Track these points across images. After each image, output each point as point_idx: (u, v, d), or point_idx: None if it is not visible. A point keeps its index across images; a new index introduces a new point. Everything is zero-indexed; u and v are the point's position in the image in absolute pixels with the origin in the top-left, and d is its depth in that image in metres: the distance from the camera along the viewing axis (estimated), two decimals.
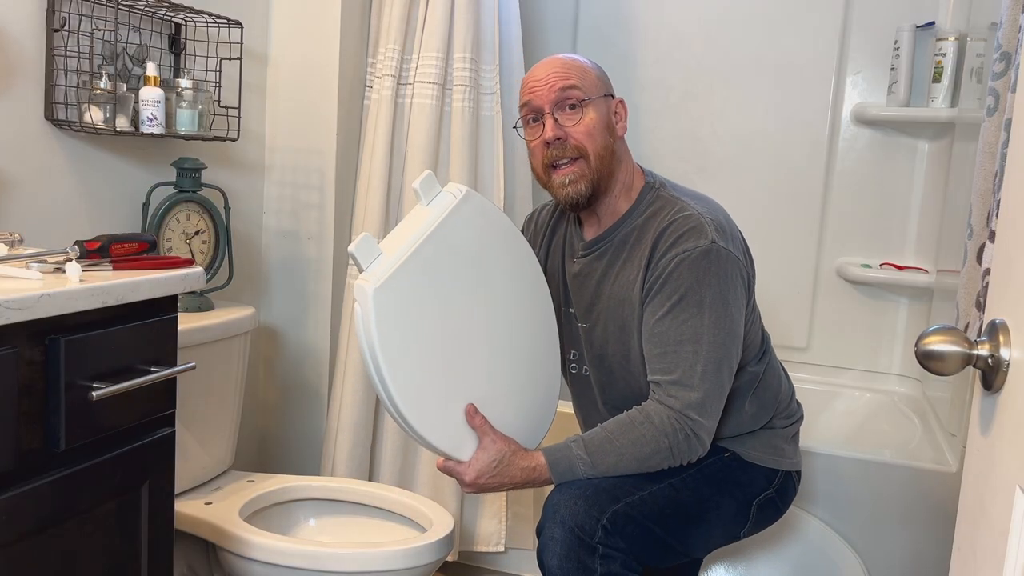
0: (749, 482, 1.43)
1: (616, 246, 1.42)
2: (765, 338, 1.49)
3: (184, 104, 1.68)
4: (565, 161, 1.38)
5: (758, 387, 1.44)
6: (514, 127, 1.48)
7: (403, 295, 1.20)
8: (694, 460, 1.33)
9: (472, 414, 1.30)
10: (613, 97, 1.43)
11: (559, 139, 1.37)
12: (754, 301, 1.44)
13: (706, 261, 1.30)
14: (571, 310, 1.50)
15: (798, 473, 1.50)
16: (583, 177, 1.38)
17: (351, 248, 1.18)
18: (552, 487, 1.34)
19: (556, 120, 1.37)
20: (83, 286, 0.98)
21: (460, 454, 1.30)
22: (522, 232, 1.60)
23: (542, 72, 1.40)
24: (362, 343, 1.19)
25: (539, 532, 1.32)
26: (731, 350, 1.32)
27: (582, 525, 1.26)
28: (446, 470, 1.33)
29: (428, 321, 1.24)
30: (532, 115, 1.41)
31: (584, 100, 1.38)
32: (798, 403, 1.54)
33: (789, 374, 1.57)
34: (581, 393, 1.54)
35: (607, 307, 1.42)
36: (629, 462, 1.30)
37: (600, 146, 1.38)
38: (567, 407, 1.62)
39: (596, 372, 1.47)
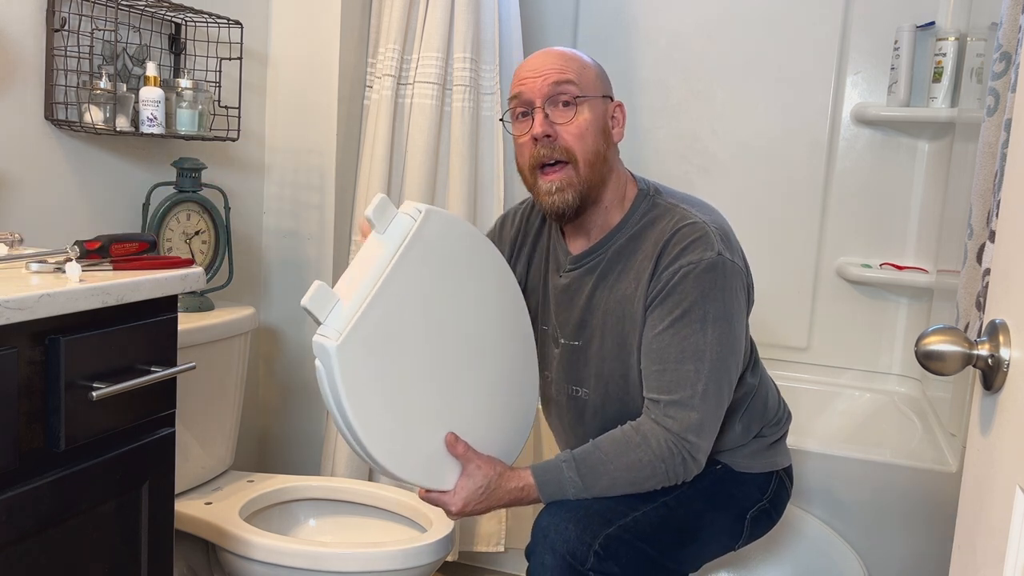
0: (743, 495, 1.40)
1: (610, 258, 1.34)
2: (753, 346, 1.44)
3: (184, 104, 1.68)
4: (552, 163, 1.28)
5: (753, 399, 1.40)
6: (500, 119, 1.41)
7: (368, 345, 1.10)
8: (689, 480, 1.28)
9: (453, 443, 1.23)
10: (612, 99, 1.34)
11: (548, 137, 1.27)
12: None
13: (712, 274, 1.23)
14: (545, 327, 1.42)
15: (789, 476, 1.47)
16: (571, 186, 1.28)
17: (304, 302, 1.07)
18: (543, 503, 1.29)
19: (547, 116, 1.27)
20: (83, 286, 0.98)
21: (444, 484, 1.24)
22: (491, 237, 1.50)
23: (536, 63, 1.29)
24: (328, 401, 1.10)
25: (528, 555, 1.27)
26: (732, 367, 1.27)
27: (573, 552, 1.20)
28: (431, 501, 1.26)
29: (397, 365, 1.15)
30: (522, 108, 1.30)
31: (580, 97, 1.27)
32: (784, 404, 1.51)
33: (786, 375, 1.55)
34: (559, 415, 1.46)
35: (604, 322, 1.33)
36: (623, 486, 1.25)
37: (591, 151, 1.28)
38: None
39: (592, 393, 1.38)
